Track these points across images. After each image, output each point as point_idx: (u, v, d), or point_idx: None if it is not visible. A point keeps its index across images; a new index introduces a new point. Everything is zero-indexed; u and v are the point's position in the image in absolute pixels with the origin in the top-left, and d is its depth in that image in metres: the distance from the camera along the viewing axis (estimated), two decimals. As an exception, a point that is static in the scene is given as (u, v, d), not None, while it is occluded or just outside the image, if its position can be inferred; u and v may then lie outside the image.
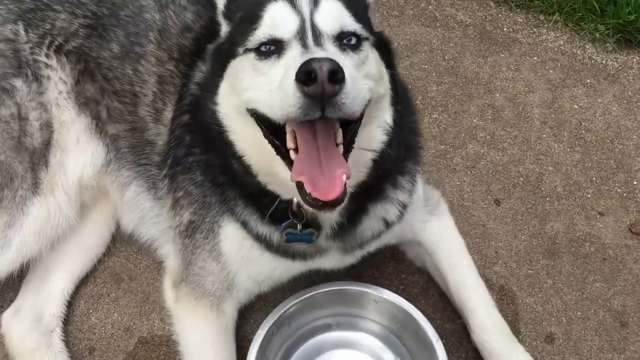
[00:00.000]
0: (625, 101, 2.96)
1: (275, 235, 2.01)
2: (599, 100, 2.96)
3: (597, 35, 3.13)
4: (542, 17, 3.25)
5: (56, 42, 2.30)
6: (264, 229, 2.00)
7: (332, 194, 1.54)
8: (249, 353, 2.09)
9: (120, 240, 2.53)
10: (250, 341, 2.12)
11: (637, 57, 3.11)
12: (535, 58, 3.11)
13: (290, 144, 1.61)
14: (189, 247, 2.15)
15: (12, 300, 2.34)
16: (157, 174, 2.30)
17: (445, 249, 2.30)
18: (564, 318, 2.40)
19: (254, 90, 1.66)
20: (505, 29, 3.22)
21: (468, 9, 3.30)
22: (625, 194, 2.69)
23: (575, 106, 2.94)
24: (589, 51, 3.13)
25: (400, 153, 1.95)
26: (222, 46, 1.87)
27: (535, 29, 3.22)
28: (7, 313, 2.29)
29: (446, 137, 2.84)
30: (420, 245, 2.34)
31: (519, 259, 2.52)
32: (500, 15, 3.28)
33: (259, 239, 2.03)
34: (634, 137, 2.85)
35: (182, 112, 2.14)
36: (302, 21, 1.63)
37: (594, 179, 2.73)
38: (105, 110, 2.33)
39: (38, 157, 2.24)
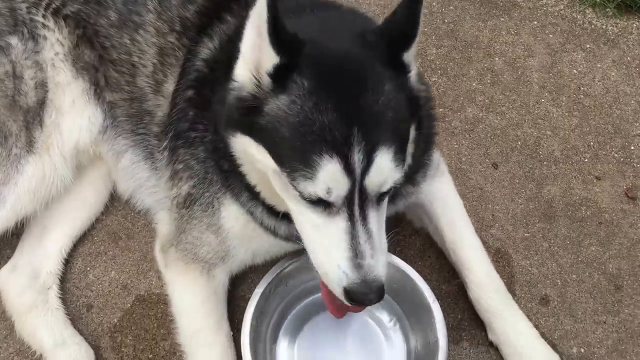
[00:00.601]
0: (624, 66, 2.90)
1: (282, 227, 1.97)
2: (598, 65, 2.90)
3: (598, 0, 3.06)
4: (542, -18, 3.17)
5: (53, 5, 2.24)
6: (270, 221, 1.96)
7: None
8: (246, 312, 2.06)
9: (118, 200, 2.47)
10: (247, 300, 2.09)
11: (637, 23, 3.04)
12: (535, 22, 3.04)
13: None
14: (185, 217, 2.12)
15: (9, 258, 2.30)
16: (156, 145, 2.24)
17: (444, 209, 2.26)
18: (559, 281, 2.38)
19: (290, 205, 1.66)
20: (505, -7, 3.15)
21: (468, -28, 3.22)
22: (622, 159, 2.65)
23: (575, 71, 2.89)
24: (589, 16, 3.06)
25: (420, 148, 1.89)
26: (253, 110, 1.61)
27: (535, -7, 3.15)
28: (4, 270, 2.26)
29: (445, 101, 2.78)
30: (421, 206, 2.30)
31: (516, 222, 2.49)
32: (500, -21, 3.20)
33: (264, 227, 1.99)
34: (632, 102, 2.80)
35: (187, 87, 2.08)
36: (353, 184, 1.52)
37: (592, 143, 2.69)
38: (103, 77, 2.27)
39: (32, 116, 2.17)
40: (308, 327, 2.23)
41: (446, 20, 3.04)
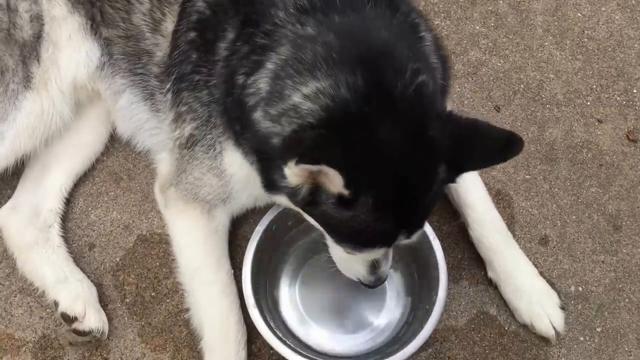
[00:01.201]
0: (628, 10, 2.82)
1: None
2: (603, 9, 2.83)
3: (604, -58, 2.97)
4: None
5: None
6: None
7: None
8: (247, 250, 2.05)
9: (119, 141, 2.41)
10: (248, 240, 2.07)
11: (643, -35, 2.96)
12: (540, -36, 2.95)
13: None
14: (186, 157, 2.07)
15: (9, 197, 2.26)
16: (156, 86, 2.17)
17: None
18: (558, 221, 2.36)
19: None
20: None
21: None
22: (624, 102, 2.61)
23: (579, 14, 2.81)
24: (594, -42, 2.98)
25: None
26: (303, 196, 1.57)
27: None
28: (5, 208, 2.22)
29: (448, 44, 2.70)
30: None
31: (517, 164, 2.45)
32: None
33: None
34: (636, 45, 2.73)
35: (188, 29, 1.99)
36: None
37: (594, 86, 2.64)
38: (99, 12, 2.18)
39: (29, 50, 2.11)
40: (309, 265, 2.22)
41: (449, -37, 2.95)
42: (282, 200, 1.79)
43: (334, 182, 1.44)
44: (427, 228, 2.06)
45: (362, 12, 1.68)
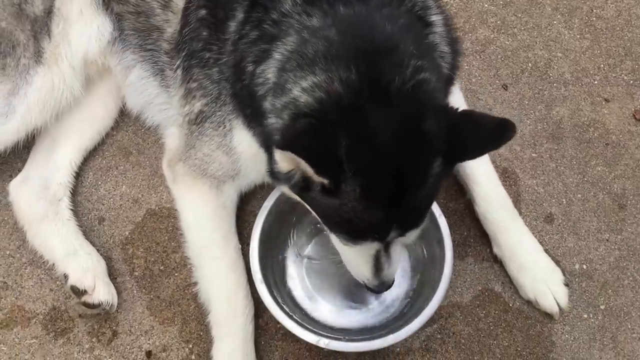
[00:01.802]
0: (638, -11, 2.79)
1: None
2: (612, -12, 2.79)
3: None
4: None
5: None
6: None
7: None
8: (254, 225, 2.04)
9: (128, 116, 2.40)
10: (256, 216, 2.06)
11: (653, -56, 2.91)
12: (550, -58, 2.91)
13: None
14: (195, 133, 2.06)
15: (20, 170, 2.25)
16: (166, 62, 2.15)
17: None
18: (564, 200, 2.34)
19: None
20: None
21: None
22: (632, 81, 2.57)
23: (588, -7, 2.78)
24: (605, -63, 2.93)
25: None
26: (298, 183, 1.60)
27: None
28: (15, 181, 2.22)
29: (457, 22, 2.64)
30: None
31: (524, 142, 2.44)
32: None
33: None
34: (645, 25, 2.71)
35: (198, 7, 1.98)
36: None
37: (602, 66, 2.61)
38: None
39: (40, 25, 2.09)
40: (316, 241, 2.20)
41: (459, -60, 2.90)
42: (285, 190, 1.80)
43: (307, 170, 1.44)
44: (434, 205, 2.05)
45: (369, 0, 1.65)
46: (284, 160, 1.51)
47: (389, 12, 1.63)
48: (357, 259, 1.79)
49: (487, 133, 1.50)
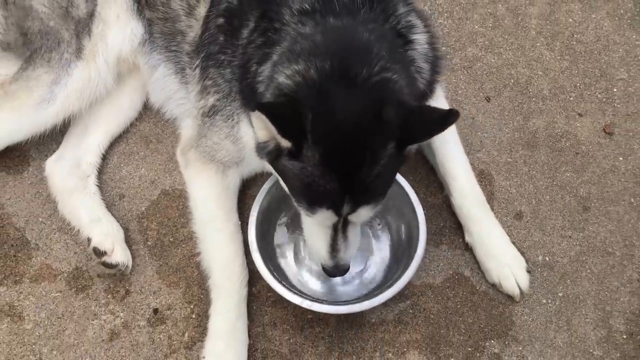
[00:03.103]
0: (617, 18, 3.09)
1: None
2: (593, 16, 3.10)
3: (600, -44, 3.24)
4: (550, -63, 3.36)
5: None
6: None
7: None
8: (253, 204, 2.34)
9: (150, 109, 2.77)
10: (256, 197, 2.37)
11: (634, -21, 3.23)
12: (539, -26, 3.25)
13: None
14: (207, 124, 2.39)
15: (55, 151, 2.62)
16: (187, 62, 2.52)
17: None
18: (533, 200, 2.63)
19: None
20: (514, -54, 3.34)
21: None
22: (604, 99, 2.87)
23: (570, 20, 3.09)
24: (590, -29, 3.26)
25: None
26: (272, 154, 1.91)
27: (542, -52, 3.33)
28: (51, 159, 2.57)
29: (448, 40, 3.02)
30: None
31: (501, 148, 2.74)
32: None
33: None
34: (620, 50, 3.00)
35: (217, 15, 2.33)
36: (340, 219, 1.95)
37: (578, 84, 2.91)
38: None
39: (82, 26, 2.47)
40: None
41: (456, -31, 3.26)
42: (267, 166, 2.09)
43: (273, 130, 1.73)
44: (412, 196, 2.35)
45: (356, 15, 1.98)
46: (260, 128, 1.82)
47: (372, 26, 1.96)
48: (315, 233, 2.04)
49: (435, 120, 1.78)
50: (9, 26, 2.46)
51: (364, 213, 1.92)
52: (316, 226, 2.03)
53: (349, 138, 1.75)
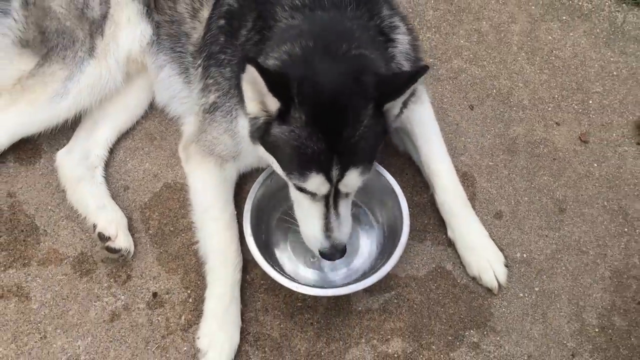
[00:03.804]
0: (593, 36, 3.21)
1: None
2: (571, 34, 3.21)
3: (578, -20, 3.37)
4: (532, -37, 3.49)
5: None
6: None
7: None
8: (249, 195, 2.42)
9: (156, 108, 2.85)
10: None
11: (609, 2, 3.33)
12: (521, -5, 3.37)
13: None
14: (207, 120, 2.47)
15: (65, 145, 2.69)
16: (190, 62, 2.60)
17: (423, 128, 2.59)
18: (512, 201, 2.70)
19: (290, 190, 2.16)
20: (499, -30, 3.47)
21: (469, -49, 3.54)
22: (580, 110, 2.97)
23: (550, 37, 3.20)
24: (569, -7, 3.38)
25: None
26: (266, 131, 2.00)
27: (525, -28, 3.46)
28: (62, 151, 2.65)
29: (435, 53, 3.12)
30: (403, 129, 2.61)
31: (483, 152, 2.82)
32: (496, -42, 3.52)
33: None
34: (596, 65, 3.11)
35: (219, 17, 2.43)
36: (330, 188, 2.01)
37: (556, 96, 3.01)
38: (153, 0, 2.66)
39: (96, 26, 2.56)
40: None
41: (444, -11, 3.38)
42: (262, 161, 2.22)
43: (262, 89, 1.82)
44: (398, 191, 2.42)
45: (343, 11, 2.11)
46: (251, 97, 1.92)
47: (356, 21, 2.08)
48: (309, 214, 2.09)
49: (407, 78, 1.91)
50: (29, 25, 2.54)
51: (353, 178, 1.98)
52: (308, 205, 2.08)
53: (332, 99, 1.86)
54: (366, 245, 2.54)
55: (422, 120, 2.61)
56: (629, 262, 2.57)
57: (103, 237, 2.43)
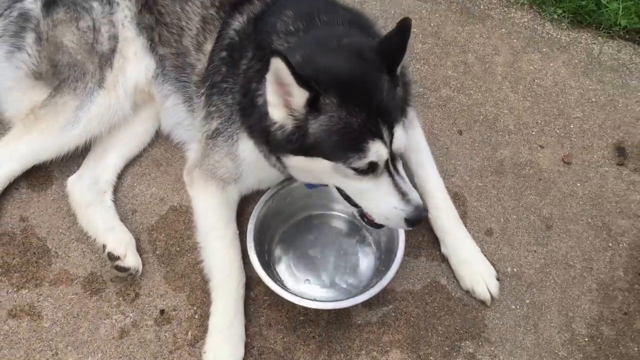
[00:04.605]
0: (572, 67, 3.34)
1: (286, 170, 2.36)
2: (551, 65, 3.35)
3: (555, 16, 3.52)
4: (512, 0, 3.64)
5: None
6: (279, 165, 2.34)
7: None
8: (252, 215, 2.50)
9: (162, 135, 2.94)
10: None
11: (585, 35, 3.49)
12: (504, 30, 3.50)
13: None
14: (210, 145, 2.55)
15: (76, 172, 2.76)
16: (194, 91, 2.70)
17: (416, 152, 2.69)
18: (502, 219, 2.78)
19: (346, 185, 2.16)
20: (481, 7, 3.62)
21: (453, -10, 3.71)
22: (562, 134, 3.08)
23: (531, 67, 3.34)
24: (547, 28, 3.52)
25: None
26: (300, 137, 2.07)
27: (506, 9, 3.61)
28: (72, 177, 2.72)
29: (425, 83, 3.24)
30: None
31: (472, 174, 2.91)
32: (479, -4, 3.69)
33: (272, 165, 2.39)
34: (575, 93, 3.23)
35: (221, 49, 2.55)
36: (388, 151, 2.08)
37: (539, 121, 3.12)
38: (158, 35, 2.75)
39: (105, 60, 2.67)
40: (300, 236, 2.65)
41: (432, 24, 3.52)
42: (262, 183, 2.36)
43: (289, 81, 1.93)
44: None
45: (335, 29, 2.29)
46: (275, 102, 2.03)
47: (349, 36, 2.24)
48: (377, 189, 2.09)
49: (398, 38, 2.07)
50: (42, 59, 2.64)
51: (400, 134, 2.08)
52: (374, 184, 2.10)
53: (351, 78, 2.02)
54: (364, 262, 2.60)
55: (415, 147, 2.70)
56: (614, 274, 2.64)
57: (112, 257, 2.48)
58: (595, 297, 2.58)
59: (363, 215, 2.26)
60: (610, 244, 2.72)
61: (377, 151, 2.03)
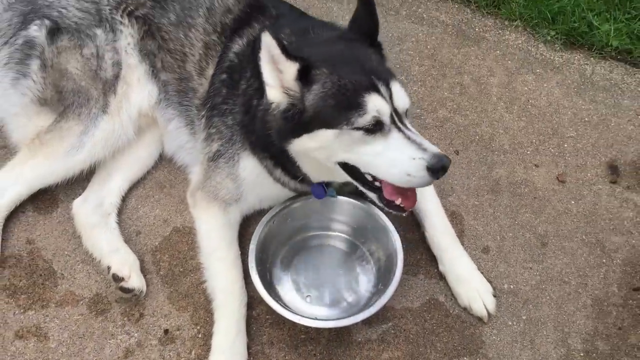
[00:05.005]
0: (565, 87, 3.41)
1: (291, 182, 2.49)
2: (545, 85, 3.42)
3: (549, 38, 3.60)
4: (506, 22, 3.72)
5: (129, 9, 2.80)
6: (285, 178, 2.47)
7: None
8: (253, 235, 2.54)
9: (165, 159, 3.01)
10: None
11: (578, 56, 3.57)
12: (498, 52, 3.59)
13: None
14: (211, 167, 2.62)
15: (81, 195, 2.82)
16: (195, 115, 2.77)
17: None
18: (498, 236, 2.84)
19: (356, 155, 2.14)
20: (477, 29, 3.70)
21: (449, 12, 3.79)
22: (557, 153, 3.14)
23: (526, 88, 3.41)
24: (541, 49, 3.60)
25: None
26: (297, 113, 2.14)
27: (500, 31, 3.69)
28: (77, 200, 2.77)
29: (422, 104, 3.31)
30: None
31: (469, 193, 2.97)
32: (474, 19, 3.76)
33: (276, 179, 2.49)
34: (569, 113, 3.30)
35: (222, 72, 2.63)
36: (390, 106, 2.10)
37: (534, 140, 3.19)
38: (160, 62, 2.82)
39: (109, 86, 2.74)
40: (300, 256, 2.70)
41: (428, 47, 3.60)
42: (263, 202, 2.49)
43: (278, 56, 2.07)
44: (393, 232, 2.54)
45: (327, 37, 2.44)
46: (272, 85, 2.14)
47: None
48: (389, 148, 2.07)
49: (367, 12, 2.28)
50: (47, 85, 2.71)
51: (399, 90, 2.13)
52: (384, 143, 2.08)
53: (339, 48, 2.22)
54: (364, 281, 2.64)
55: None
56: (608, 290, 2.68)
57: (117, 278, 2.53)
58: (590, 313, 2.63)
59: (383, 198, 2.24)
60: (604, 260, 2.77)
61: (376, 105, 2.04)
